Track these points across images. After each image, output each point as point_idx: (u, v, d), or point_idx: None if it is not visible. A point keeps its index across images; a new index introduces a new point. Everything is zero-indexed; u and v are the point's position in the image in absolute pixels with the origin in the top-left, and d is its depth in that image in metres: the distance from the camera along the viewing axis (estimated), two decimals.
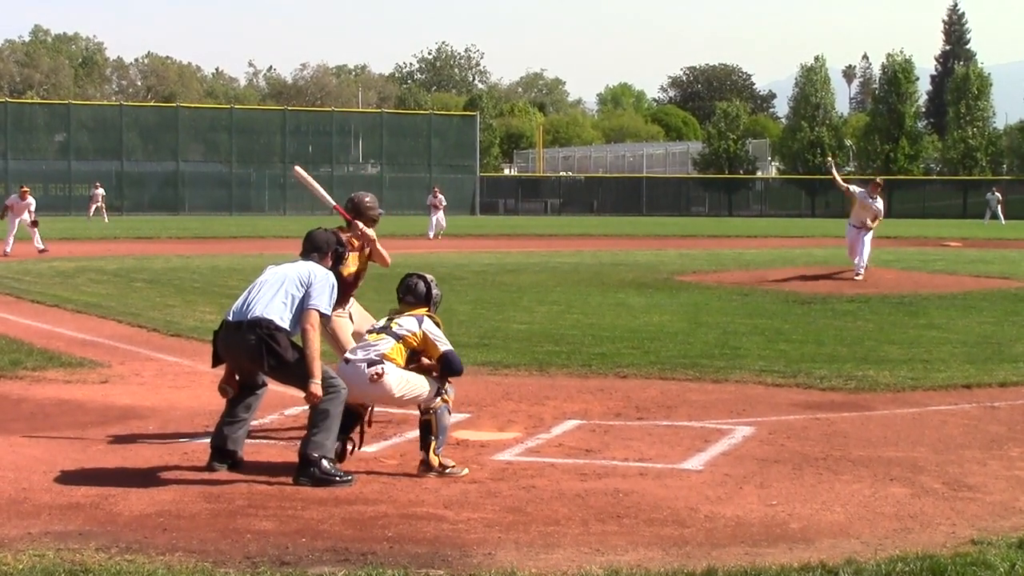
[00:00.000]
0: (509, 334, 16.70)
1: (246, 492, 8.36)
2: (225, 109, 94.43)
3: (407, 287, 9.48)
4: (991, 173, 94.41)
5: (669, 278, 27.19)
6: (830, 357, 14.72)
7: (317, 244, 9.45)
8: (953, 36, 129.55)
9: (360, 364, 8.98)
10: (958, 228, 62.39)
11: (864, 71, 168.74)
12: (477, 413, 11.28)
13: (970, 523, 7.69)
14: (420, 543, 7.18)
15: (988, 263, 33.19)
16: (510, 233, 53.62)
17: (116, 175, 76.47)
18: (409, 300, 9.43)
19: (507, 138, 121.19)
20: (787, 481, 8.77)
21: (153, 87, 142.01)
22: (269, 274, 9.25)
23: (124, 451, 9.73)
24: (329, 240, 9.53)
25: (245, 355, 8.94)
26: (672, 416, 11.26)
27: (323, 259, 9.40)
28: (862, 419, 11.12)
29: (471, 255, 36.70)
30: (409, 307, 9.38)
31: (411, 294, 9.45)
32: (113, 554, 6.88)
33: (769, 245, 44.91)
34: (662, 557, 6.95)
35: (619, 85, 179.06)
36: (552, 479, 8.79)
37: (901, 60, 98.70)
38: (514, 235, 52.21)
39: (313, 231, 9.61)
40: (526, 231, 56.49)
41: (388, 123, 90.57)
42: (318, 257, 9.38)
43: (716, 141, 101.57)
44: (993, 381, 12.97)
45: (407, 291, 9.47)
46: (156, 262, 31.96)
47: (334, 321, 10.13)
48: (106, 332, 17.28)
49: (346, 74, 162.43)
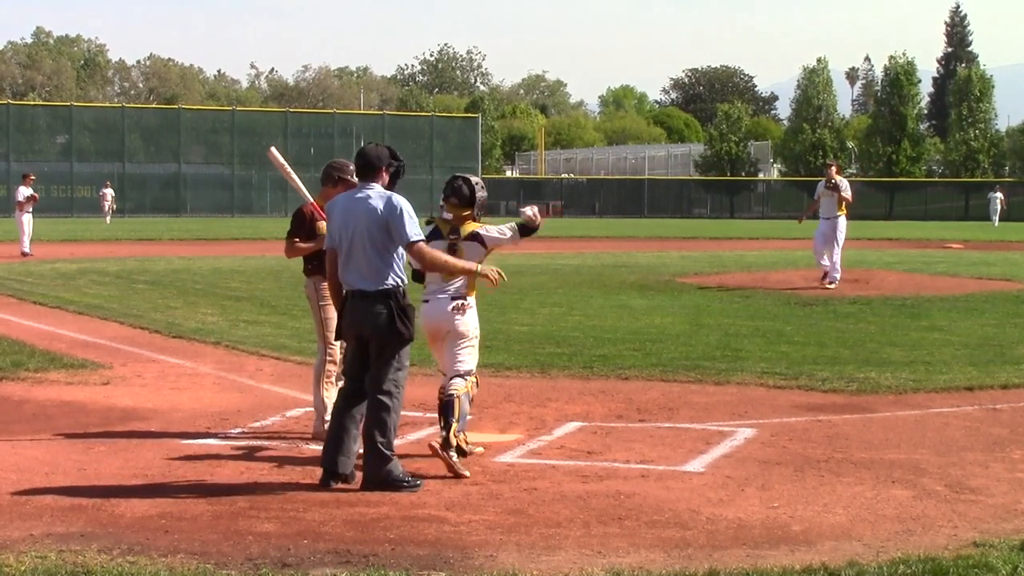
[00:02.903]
0: (511, 336, 16.69)
1: (248, 494, 8.35)
2: (227, 111, 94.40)
3: (452, 189, 9.53)
4: (993, 175, 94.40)
5: (671, 280, 27.19)
6: (832, 359, 14.71)
7: (370, 159, 8.85)
8: (955, 38, 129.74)
9: (443, 297, 9.28)
10: (960, 230, 62.32)
11: (866, 73, 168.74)
12: (479, 415, 11.26)
13: (972, 525, 7.68)
14: (422, 545, 7.18)
15: (990, 265, 33.16)
16: None
17: (118, 177, 76.32)
18: (453, 202, 9.50)
19: (509, 140, 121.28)
20: (789, 483, 8.77)
21: (155, 89, 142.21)
22: (347, 229, 8.73)
23: (126, 453, 9.72)
24: (381, 155, 8.94)
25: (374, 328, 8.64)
26: (674, 418, 11.25)
27: (378, 177, 8.88)
28: (864, 421, 11.11)
29: None
30: (454, 208, 9.48)
31: (456, 196, 9.50)
32: (115, 556, 6.88)
33: (771, 247, 44.87)
34: (664, 559, 6.95)
35: (621, 87, 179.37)
36: (554, 481, 8.79)
37: (903, 62, 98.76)
38: None
39: (365, 147, 9.00)
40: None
41: (390, 125, 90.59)
42: (373, 175, 8.84)
43: (718, 143, 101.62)
44: (995, 383, 12.96)
45: (452, 192, 9.51)
46: (158, 264, 31.98)
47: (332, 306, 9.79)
48: (108, 334, 17.28)
49: (348, 76, 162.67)
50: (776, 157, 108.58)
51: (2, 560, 6.70)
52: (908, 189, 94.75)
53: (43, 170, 76.03)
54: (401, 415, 8.87)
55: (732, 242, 50.40)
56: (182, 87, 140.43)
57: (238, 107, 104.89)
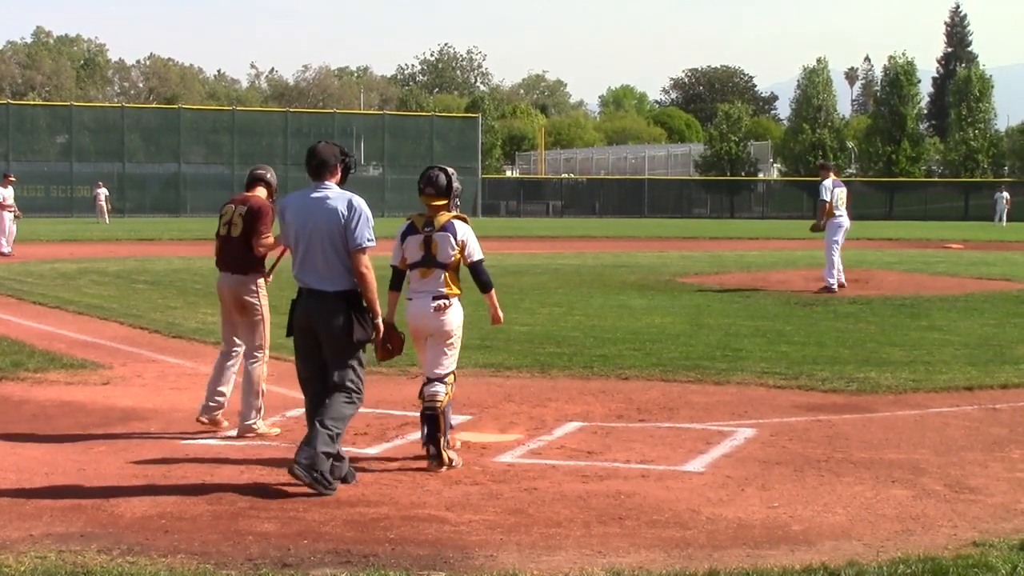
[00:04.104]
0: (511, 336, 16.69)
1: (248, 494, 8.36)
2: (227, 111, 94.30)
3: (428, 179, 9.45)
4: (992, 175, 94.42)
5: (671, 280, 27.21)
6: (832, 359, 14.72)
7: (323, 158, 8.77)
8: (955, 38, 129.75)
9: (424, 296, 9.24)
10: (960, 230, 62.33)
11: (866, 73, 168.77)
12: (479, 415, 11.28)
13: (972, 525, 7.69)
14: (422, 545, 7.18)
15: (990, 265, 33.18)
16: (512, 235, 53.59)
17: (118, 177, 76.39)
18: (429, 192, 9.42)
19: (509, 140, 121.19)
20: (789, 483, 8.77)
21: (155, 89, 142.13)
22: (304, 229, 8.68)
23: (126, 453, 9.73)
24: (334, 152, 8.87)
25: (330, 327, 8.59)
26: (674, 418, 11.25)
27: (332, 174, 8.82)
28: (864, 421, 11.11)
29: None
30: (430, 199, 9.41)
31: (431, 186, 9.43)
32: (115, 556, 6.88)
33: (771, 247, 44.89)
34: (664, 559, 6.95)
35: (621, 87, 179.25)
36: (554, 481, 8.79)
37: (903, 62, 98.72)
38: (516, 237, 52.19)
39: (315, 145, 8.92)
40: (528, 233, 56.52)
41: (390, 125, 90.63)
42: (327, 173, 8.78)
43: (718, 143, 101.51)
44: (995, 383, 12.96)
45: (428, 183, 9.44)
46: (158, 264, 31.98)
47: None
48: (108, 334, 17.28)
49: (348, 76, 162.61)
50: (776, 157, 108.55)
51: (2, 560, 6.70)
52: (908, 189, 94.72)
53: (43, 170, 76.18)
54: (400, 415, 8.88)
55: (732, 242, 50.39)
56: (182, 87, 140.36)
57: (238, 107, 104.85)
